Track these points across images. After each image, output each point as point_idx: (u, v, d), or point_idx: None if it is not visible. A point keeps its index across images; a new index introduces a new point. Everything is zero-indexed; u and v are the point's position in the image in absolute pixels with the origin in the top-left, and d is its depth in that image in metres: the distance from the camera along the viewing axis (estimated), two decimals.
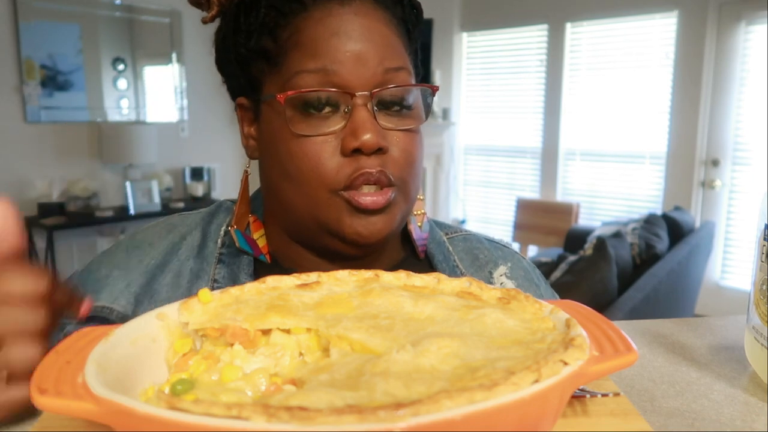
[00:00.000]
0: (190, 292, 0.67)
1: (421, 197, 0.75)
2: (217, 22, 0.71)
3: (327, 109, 0.62)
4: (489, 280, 0.77)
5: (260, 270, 0.70)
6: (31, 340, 0.44)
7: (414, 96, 0.65)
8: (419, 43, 0.71)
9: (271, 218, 0.73)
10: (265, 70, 0.64)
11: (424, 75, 0.75)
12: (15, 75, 3.67)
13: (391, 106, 0.63)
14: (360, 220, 0.63)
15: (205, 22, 0.68)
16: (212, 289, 0.64)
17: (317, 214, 0.64)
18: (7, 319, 0.44)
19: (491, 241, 0.82)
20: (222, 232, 0.72)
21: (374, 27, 0.62)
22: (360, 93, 0.61)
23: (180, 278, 0.69)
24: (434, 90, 0.68)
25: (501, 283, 0.76)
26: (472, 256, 0.79)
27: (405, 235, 0.77)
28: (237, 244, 0.70)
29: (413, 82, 0.65)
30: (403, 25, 0.66)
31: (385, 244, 0.68)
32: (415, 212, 0.75)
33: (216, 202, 0.78)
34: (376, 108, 0.62)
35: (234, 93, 0.71)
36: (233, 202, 0.76)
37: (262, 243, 0.72)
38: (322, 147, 0.61)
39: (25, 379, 0.43)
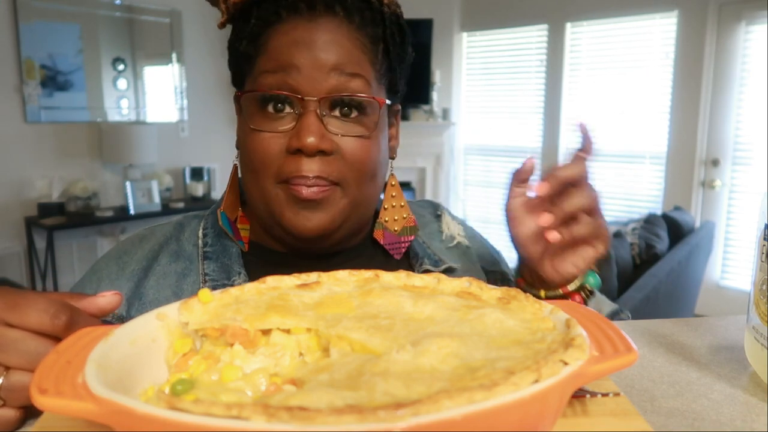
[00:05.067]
0: (179, 289, 0.72)
1: (402, 204, 0.80)
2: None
3: (285, 109, 0.68)
4: (439, 232, 0.87)
5: (249, 263, 0.75)
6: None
7: (370, 106, 0.69)
8: (405, 61, 0.76)
9: (249, 209, 0.78)
10: (247, 71, 0.72)
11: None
12: (15, 75, 3.67)
13: (345, 111, 0.68)
14: (298, 214, 0.69)
15: (219, 26, 0.75)
16: (204, 283, 0.71)
17: (267, 203, 0.70)
18: (19, 348, 0.45)
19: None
20: (200, 234, 0.77)
21: (335, 40, 0.67)
22: (309, 98, 0.66)
23: (166, 279, 0.73)
24: (381, 103, 0.70)
25: (448, 228, 0.88)
26: (417, 215, 0.86)
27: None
28: (219, 222, 0.76)
29: (373, 92, 0.70)
30: (376, 44, 0.70)
31: (330, 238, 0.72)
32: (384, 220, 0.79)
33: (183, 215, 0.82)
34: (325, 113, 0.67)
35: (236, 87, 0.77)
36: (201, 211, 0.82)
37: (244, 234, 0.77)
38: (271, 142, 0.68)
39: (18, 404, 0.46)
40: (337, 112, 0.68)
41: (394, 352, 0.36)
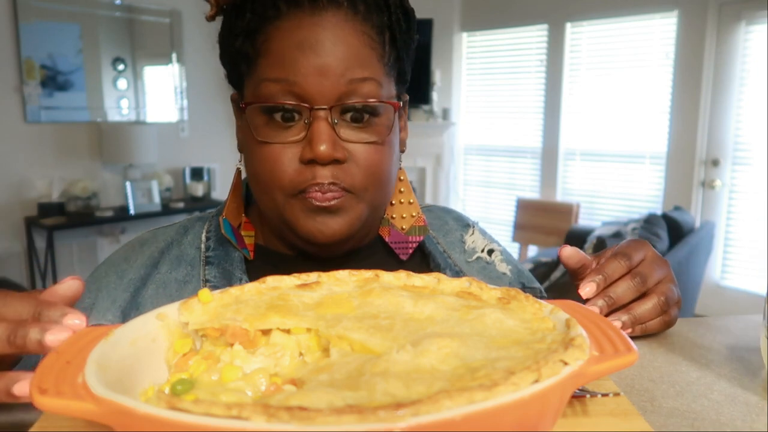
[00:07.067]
0: (179, 298, 0.69)
1: (411, 201, 0.78)
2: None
3: (293, 118, 0.65)
4: (461, 242, 0.85)
5: (252, 269, 0.73)
6: None
7: (383, 108, 0.67)
8: (411, 47, 0.73)
9: (256, 212, 0.77)
10: (245, 72, 0.67)
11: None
12: (15, 75, 3.67)
13: (356, 117, 0.65)
14: (314, 220, 0.66)
15: (207, 19, 0.71)
16: None
17: (280, 214, 0.68)
18: None
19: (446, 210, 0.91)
20: (203, 238, 0.75)
21: (342, 39, 0.63)
22: (318, 107, 0.63)
23: (166, 288, 0.71)
24: (395, 107, 0.68)
25: (473, 241, 0.84)
26: (441, 221, 0.87)
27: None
28: (222, 230, 0.73)
29: (384, 92, 0.67)
30: (383, 33, 0.67)
31: (347, 244, 0.71)
32: (390, 216, 0.78)
33: (186, 218, 0.81)
34: (337, 120, 0.64)
35: (232, 86, 0.73)
36: (206, 213, 0.81)
37: (248, 241, 0.75)
38: (281, 153, 0.65)
39: None
40: (348, 118, 0.65)
41: (394, 352, 0.36)
